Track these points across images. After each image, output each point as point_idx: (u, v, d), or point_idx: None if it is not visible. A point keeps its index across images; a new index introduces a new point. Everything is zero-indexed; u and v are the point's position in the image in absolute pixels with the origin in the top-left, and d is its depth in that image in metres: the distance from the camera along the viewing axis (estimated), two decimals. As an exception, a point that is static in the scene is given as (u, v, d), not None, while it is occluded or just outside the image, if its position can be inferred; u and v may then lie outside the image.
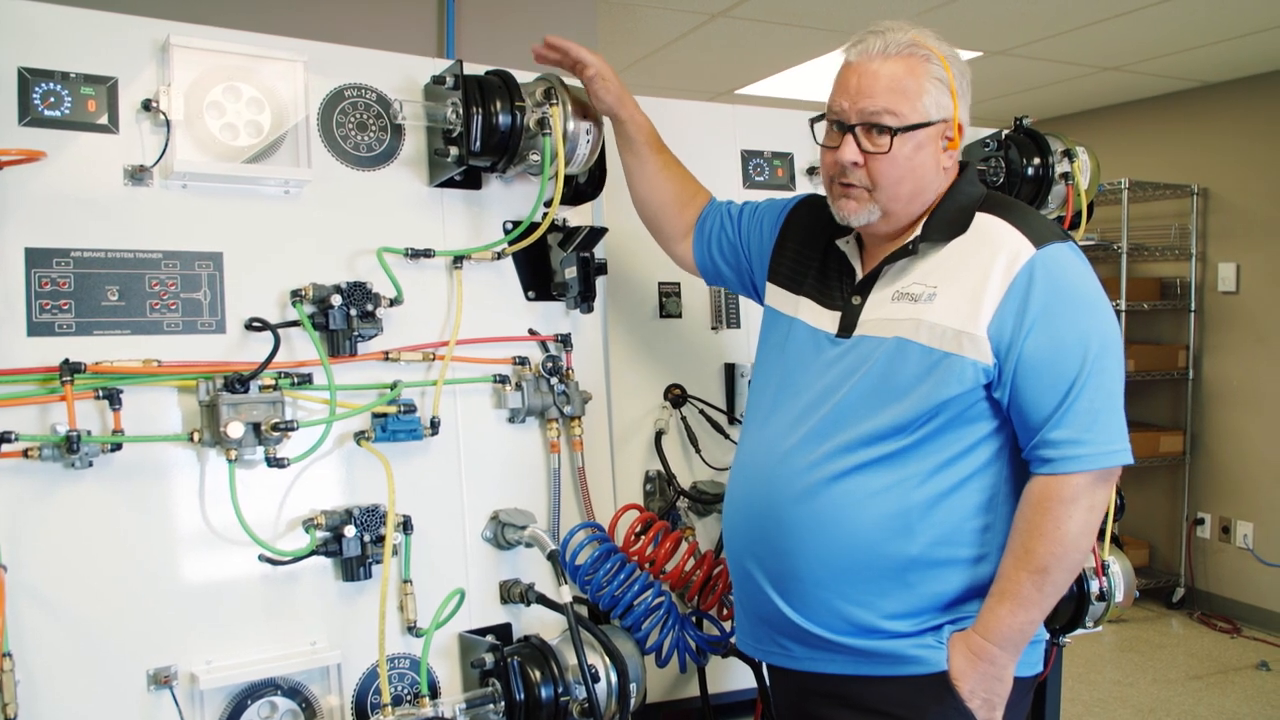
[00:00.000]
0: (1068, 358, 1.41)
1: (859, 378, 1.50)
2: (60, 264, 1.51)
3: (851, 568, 1.47)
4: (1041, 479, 1.44)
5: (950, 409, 1.45)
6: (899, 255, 1.54)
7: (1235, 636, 4.78)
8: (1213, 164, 5.12)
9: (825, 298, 1.62)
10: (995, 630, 1.44)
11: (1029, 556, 1.42)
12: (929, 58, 1.49)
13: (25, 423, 1.46)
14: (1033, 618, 1.45)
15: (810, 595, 1.50)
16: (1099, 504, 1.44)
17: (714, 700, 2.05)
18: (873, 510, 1.46)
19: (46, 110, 1.52)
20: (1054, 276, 1.43)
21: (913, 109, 1.47)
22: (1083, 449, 1.41)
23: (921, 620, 1.48)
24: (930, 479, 1.46)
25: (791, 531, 1.50)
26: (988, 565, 1.48)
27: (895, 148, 1.48)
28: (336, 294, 1.65)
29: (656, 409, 2.15)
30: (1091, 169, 2.46)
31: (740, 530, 1.60)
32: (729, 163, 2.28)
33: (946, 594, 1.48)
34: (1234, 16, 3.95)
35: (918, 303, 1.48)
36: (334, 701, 1.65)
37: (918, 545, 1.46)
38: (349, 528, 1.63)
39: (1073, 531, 1.42)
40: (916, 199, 1.53)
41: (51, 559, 1.48)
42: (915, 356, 1.46)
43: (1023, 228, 1.46)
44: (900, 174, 1.50)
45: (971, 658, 1.45)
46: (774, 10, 3.85)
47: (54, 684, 1.47)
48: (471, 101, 1.71)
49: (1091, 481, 1.42)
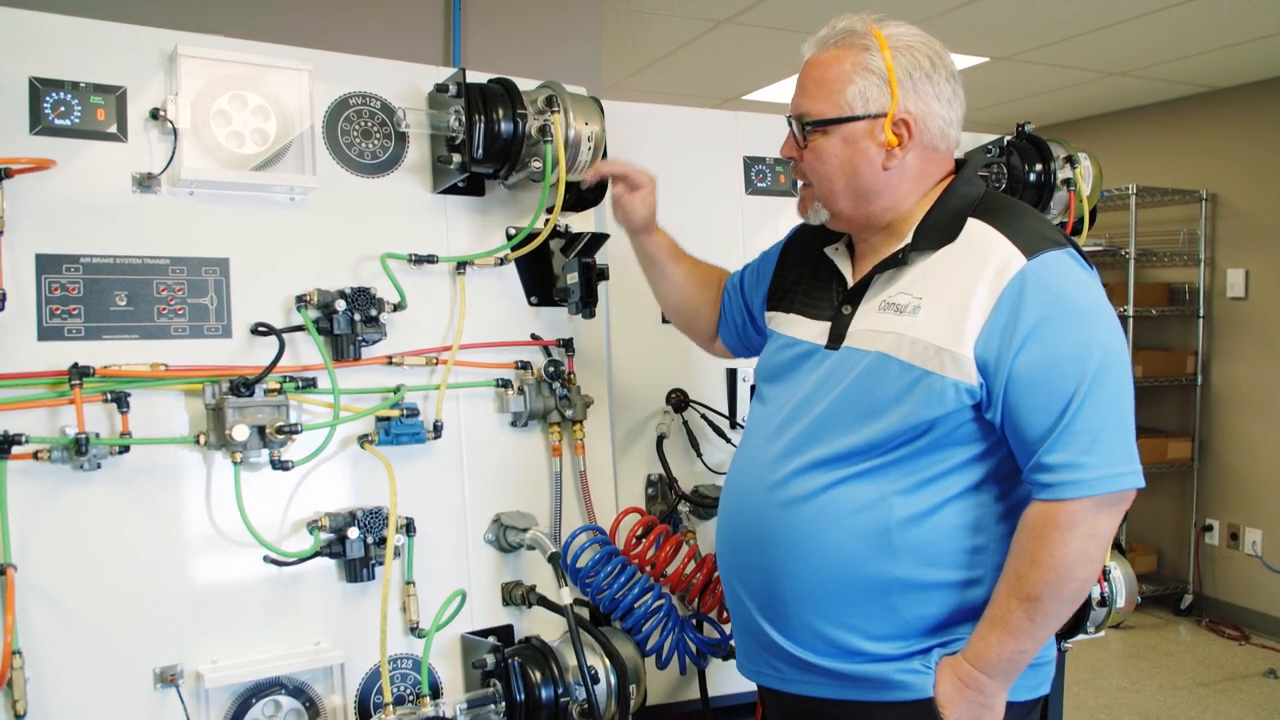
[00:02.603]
0: (1064, 374, 1.30)
1: (839, 391, 1.42)
2: (70, 270, 1.54)
3: (832, 588, 1.40)
4: (1038, 504, 1.34)
5: (935, 430, 1.36)
6: (889, 264, 1.44)
7: (1243, 644, 4.76)
8: (1221, 169, 5.10)
9: (814, 309, 1.54)
10: (984, 658, 1.36)
11: (1021, 584, 1.33)
12: (867, 48, 1.39)
13: (35, 425, 1.49)
14: (1023, 647, 1.35)
15: (792, 617, 1.44)
16: (1101, 532, 1.32)
17: (714, 703, 2.05)
18: (852, 527, 1.38)
19: (57, 119, 1.55)
20: (1047, 288, 1.32)
21: (831, 103, 1.40)
22: (1081, 473, 1.30)
23: (907, 644, 1.40)
24: (911, 495, 1.38)
25: (771, 550, 1.44)
26: (980, 589, 1.40)
27: (813, 142, 1.42)
28: (341, 299, 1.68)
29: (658, 413, 2.16)
30: (1094, 175, 2.47)
31: (727, 549, 1.55)
32: (731, 169, 2.29)
33: (933, 617, 1.40)
34: (1241, 21, 3.95)
35: (902, 315, 1.39)
36: (337, 701, 1.67)
37: (901, 566, 1.37)
38: (352, 530, 1.66)
39: (1068, 560, 1.31)
40: (864, 200, 1.45)
41: (60, 559, 1.51)
42: (894, 373, 1.37)
43: (1013, 236, 1.35)
44: (828, 170, 1.43)
45: (959, 685, 1.37)
46: (780, 17, 3.86)
47: (62, 682, 1.49)
48: (474, 109, 1.73)
49: (1093, 507, 1.31)
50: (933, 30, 1.45)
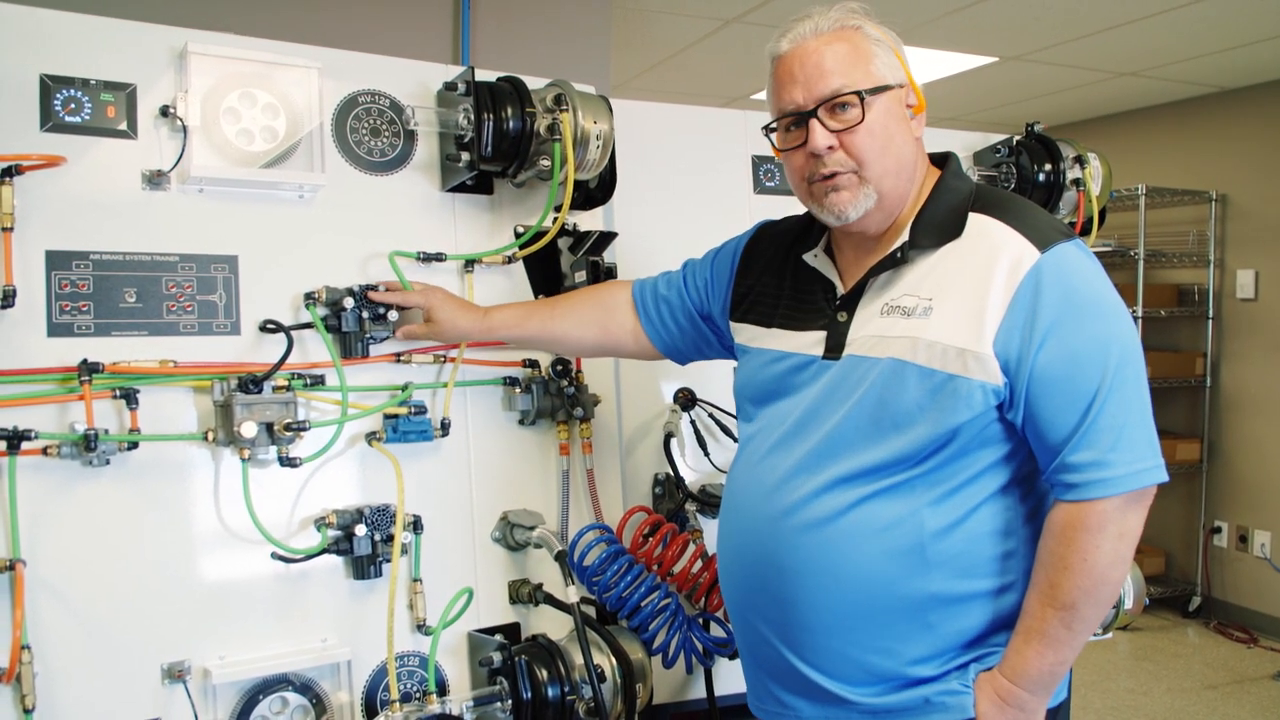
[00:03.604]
0: (1086, 371, 1.26)
1: (853, 402, 1.34)
2: (80, 266, 1.55)
3: (866, 612, 1.33)
4: (1065, 506, 1.29)
5: (961, 435, 1.30)
6: (887, 264, 1.38)
7: (1252, 646, 4.74)
8: (1231, 170, 5.08)
9: (801, 320, 1.47)
10: (1023, 673, 1.30)
11: (1055, 592, 1.28)
12: (860, 27, 1.39)
13: (45, 421, 1.49)
14: (1063, 658, 1.30)
15: (823, 646, 1.36)
16: (1131, 530, 1.28)
17: (720, 702, 2.05)
18: (882, 545, 1.32)
19: (67, 116, 1.55)
20: (1063, 281, 1.28)
21: (867, 75, 1.36)
22: (1109, 470, 1.26)
23: (944, 661, 1.34)
24: (941, 505, 1.32)
25: (794, 577, 1.36)
26: (1012, 595, 1.35)
27: (867, 115, 1.35)
28: (349, 297, 1.68)
29: (665, 412, 2.16)
30: (1103, 175, 2.47)
31: (737, 580, 1.46)
32: (739, 168, 2.29)
33: (970, 630, 1.35)
34: (1251, 21, 3.93)
35: (911, 317, 1.33)
36: (344, 698, 1.68)
37: (936, 580, 1.32)
38: (360, 527, 1.66)
39: (1101, 564, 1.27)
40: (903, 175, 1.39)
41: (69, 554, 1.51)
42: (915, 380, 1.30)
43: (1022, 229, 1.31)
44: (880, 143, 1.36)
45: (1000, 703, 1.31)
46: (788, 16, 3.86)
47: (71, 677, 1.50)
48: (483, 107, 1.73)
49: (1121, 506, 1.27)
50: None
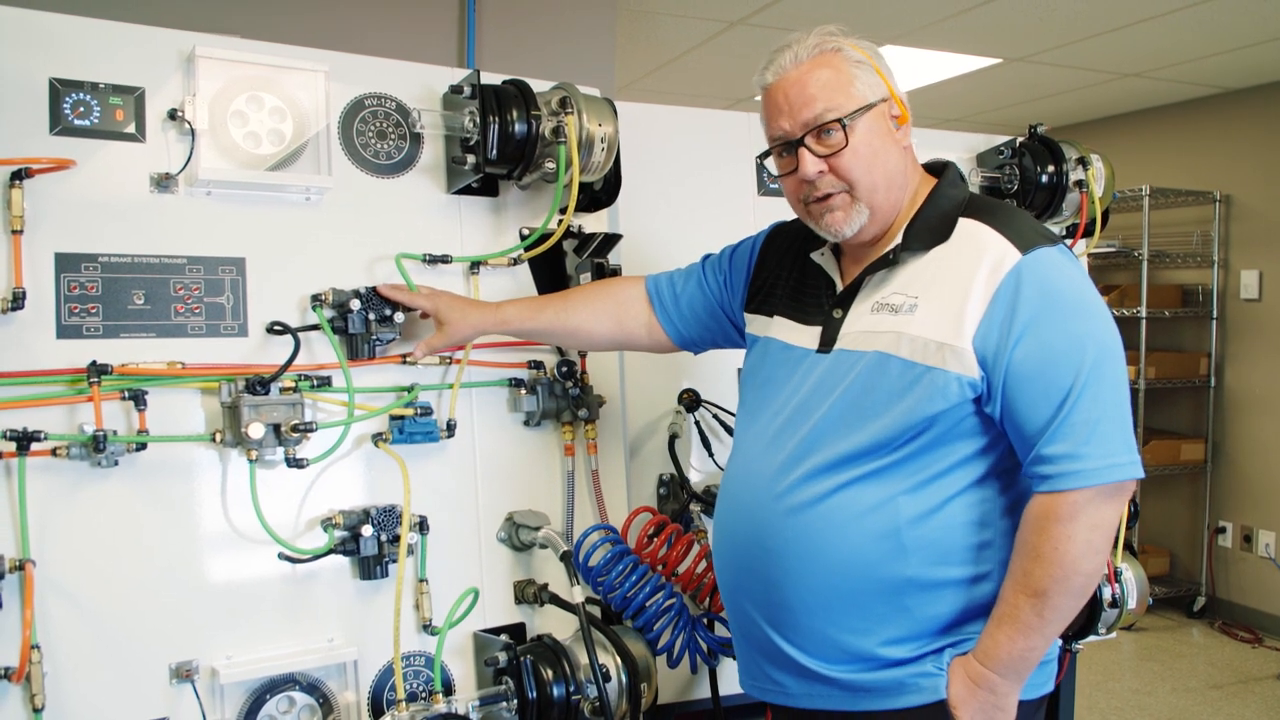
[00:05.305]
0: (1061, 366, 1.32)
1: (838, 394, 1.42)
2: (88, 268, 1.56)
3: (844, 593, 1.40)
4: (1040, 497, 1.35)
5: (937, 425, 1.37)
6: (879, 265, 1.46)
7: (1256, 646, 4.74)
8: (1235, 171, 5.08)
9: (802, 314, 1.56)
10: (994, 657, 1.36)
11: (1028, 580, 1.34)
12: (839, 49, 1.45)
13: (54, 422, 1.50)
14: (1033, 644, 1.36)
15: (803, 625, 1.43)
16: (1104, 522, 1.34)
17: (725, 702, 2.06)
18: (861, 530, 1.38)
19: (76, 119, 1.56)
20: (1042, 281, 1.34)
21: (849, 97, 1.42)
22: (1080, 464, 1.31)
23: (920, 645, 1.41)
24: (918, 493, 1.38)
25: (779, 559, 1.43)
26: (988, 584, 1.41)
27: (850, 138, 1.42)
28: (356, 299, 1.69)
29: (670, 413, 2.17)
30: (1106, 177, 2.47)
31: (729, 563, 1.53)
32: (743, 169, 2.30)
33: (945, 616, 1.41)
34: (1255, 22, 3.93)
35: (898, 314, 1.41)
36: (350, 697, 1.69)
37: (911, 565, 1.38)
38: (366, 527, 1.67)
39: (1073, 553, 1.32)
40: (894, 186, 1.47)
41: (78, 555, 1.52)
42: (895, 371, 1.38)
43: (1007, 232, 1.38)
44: (866, 162, 1.43)
45: (971, 685, 1.37)
46: (792, 18, 3.86)
47: (79, 676, 1.51)
48: (488, 110, 1.74)
49: (1094, 498, 1.32)
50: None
